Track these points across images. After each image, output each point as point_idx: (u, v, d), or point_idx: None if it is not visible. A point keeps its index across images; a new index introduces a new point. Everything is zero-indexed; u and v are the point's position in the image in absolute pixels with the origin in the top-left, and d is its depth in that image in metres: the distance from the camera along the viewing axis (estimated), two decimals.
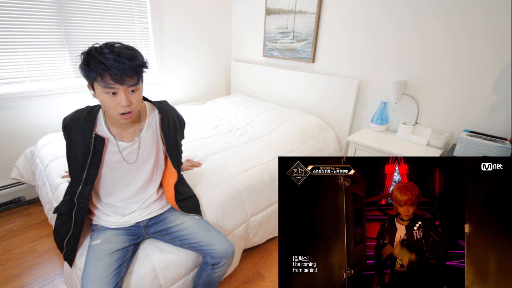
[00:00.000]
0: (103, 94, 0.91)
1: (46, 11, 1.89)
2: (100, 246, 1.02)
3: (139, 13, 2.34)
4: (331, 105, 2.34)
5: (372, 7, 1.98)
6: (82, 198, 1.03)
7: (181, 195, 1.22)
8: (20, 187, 2.03)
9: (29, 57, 1.90)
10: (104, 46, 0.89)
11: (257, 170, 1.64)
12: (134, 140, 1.08)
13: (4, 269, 1.54)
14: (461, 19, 1.63)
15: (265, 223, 1.62)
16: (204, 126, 2.27)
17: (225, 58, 3.17)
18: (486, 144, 1.48)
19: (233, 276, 1.54)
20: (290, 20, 2.48)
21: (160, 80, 2.64)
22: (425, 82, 1.86)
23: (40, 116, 2.03)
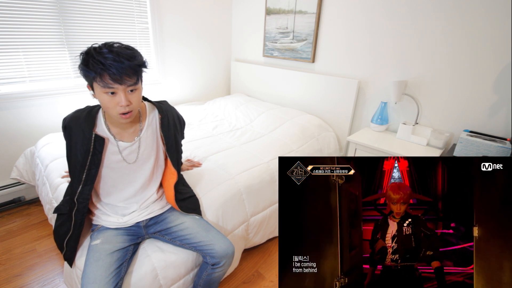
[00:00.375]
0: (102, 94, 0.91)
1: (46, 11, 1.89)
2: (100, 246, 1.02)
3: (139, 13, 2.34)
4: (331, 105, 2.34)
5: (372, 7, 1.98)
6: (82, 198, 1.03)
7: (181, 195, 1.22)
8: (20, 187, 2.03)
9: (29, 57, 1.90)
10: (103, 46, 0.89)
11: (257, 170, 1.64)
12: (134, 140, 1.08)
13: (4, 269, 1.54)
14: (461, 19, 1.63)
15: (265, 223, 1.62)
16: (204, 126, 2.27)
17: (225, 58, 3.17)
18: (486, 144, 1.48)
19: (233, 276, 1.54)
20: (290, 20, 2.48)
21: (160, 80, 2.64)
22: (425, 82, 1.86)
23: (40, 116, 2.03)
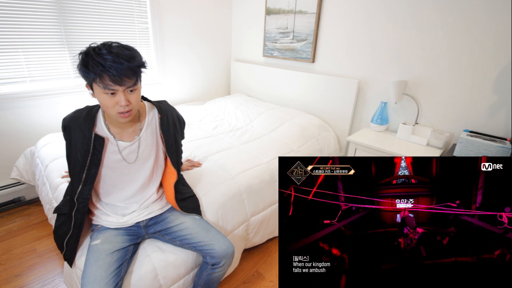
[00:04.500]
0: (102, 94, 0.91)
1: (46, 11, 1.89)
2: (100, 246, 1.02)
3: (139, 13, 2.34)
4: (331, 105, 2.34)
5: (372, 7, 1.98)
6: (82, 198, 1.03)
7: (181, 195, 1.22)
8: (20, 187, 2.03)
9: (29, 57, 1.90)
10: (102, 46, 0.89)
11: (257, 170, 1.64)
12: (133, 139, 1.08)
13: (4, 269, 1.54)
14: (461, 19, 1.63)
15: (265, 223, 1.62)
16: (204, 126, 2.27)
17: (225, 58, 3.17)
18: (486, 144, 1.48)
19: (233, 276, 1.54)
20: (290, 20, 2.48)
21: (160, 80, 2.64)
22: (425, 82, 1.86)
23: (40, 116, 2.03)
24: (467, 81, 1.69)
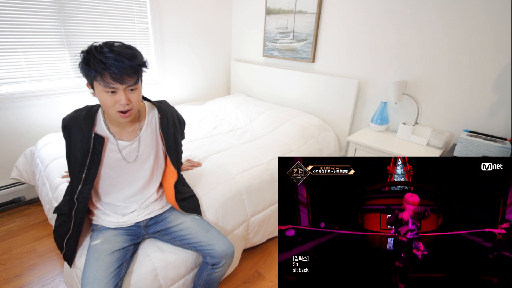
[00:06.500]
0: (102, 93, 0.91)
1: (46, 11, 1.89)
2: (100, 246, 1.02)
3: (139, 13, 2.34)
4: (331, 105, 2.34)
5: (372, 7, 1.98)
6: (81, 197, 1.03)
7: (181, 194, 1.22)
8: (20, 187, 2.03)
9: (29, 57, 1.90)
10: (103, 45, 0.89)
11: (257, 170, 1.64)
12: (133, 139, 1.08)
13: (4, 269, 1.54)
14: (461, 19, 1.63)
15: (265, 223, 1.62)
16: (204, 126, 2.27)
17: (225, 58, 3.17)
18: (486, 144, 1.48)
19: (233, 276, 1.54)
20: (290, 20, 2.48)
21: (160, 80, 2.64)
22: (425, 82, 1.86)
23: (40, 116, 2.03)
24: (467, 81, 1.69)
